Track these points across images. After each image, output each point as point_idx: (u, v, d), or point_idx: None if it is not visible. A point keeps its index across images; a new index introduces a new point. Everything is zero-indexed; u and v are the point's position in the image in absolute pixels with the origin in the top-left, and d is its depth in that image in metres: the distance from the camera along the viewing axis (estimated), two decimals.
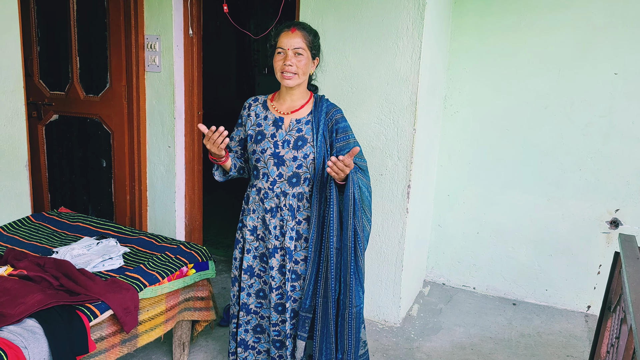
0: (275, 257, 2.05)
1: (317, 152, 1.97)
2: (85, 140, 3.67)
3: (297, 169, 1.98)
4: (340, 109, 2.06)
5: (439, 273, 3.65)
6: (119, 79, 3.41)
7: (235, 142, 2.14)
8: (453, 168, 3.49)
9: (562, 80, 3.14)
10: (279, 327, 2.12)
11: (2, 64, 2.80)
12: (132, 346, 2.14)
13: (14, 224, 2.75)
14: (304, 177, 1.99)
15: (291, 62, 1.91)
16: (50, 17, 3.58)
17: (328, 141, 1.99)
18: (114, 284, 2.06)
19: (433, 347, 2.81)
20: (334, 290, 1.97)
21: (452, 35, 3.33)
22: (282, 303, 2.08)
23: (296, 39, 1.92)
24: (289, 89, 2.00)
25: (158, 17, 3.29)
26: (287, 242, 2.02)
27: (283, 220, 2.02)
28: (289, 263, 2.04)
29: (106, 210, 3.70)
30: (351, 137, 2.04)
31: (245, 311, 2.18)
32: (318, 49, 2.02)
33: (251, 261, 2.13)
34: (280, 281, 2.07)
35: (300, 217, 2.02)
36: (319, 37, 2.03)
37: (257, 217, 2.08)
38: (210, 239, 4.21)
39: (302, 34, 1.93)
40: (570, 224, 3.25)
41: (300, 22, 2.00)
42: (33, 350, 1.69)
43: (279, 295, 2.08)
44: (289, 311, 2.06)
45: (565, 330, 3.06)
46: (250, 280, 2.15)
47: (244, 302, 2.17)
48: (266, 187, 2.02)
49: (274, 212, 2.03)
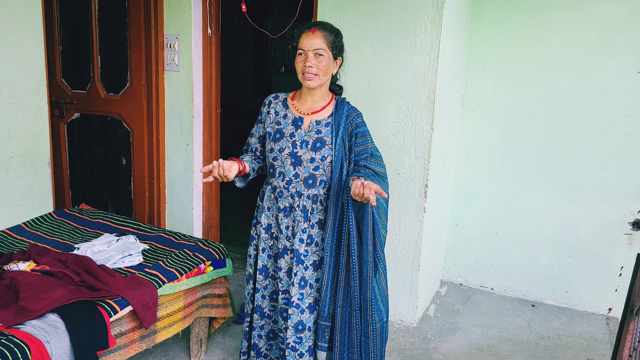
0: (284, 257, 2.02)
1: (335, 155, 1.95)
2: (106, 138, 3.72)
3: (314, 170, 1.95)
4: (360, 113, 2.03)
5: (457, 273, 3.62)
6: (139, 77, 3.45)
7: (255, 138, 2.12)
8: (471, 167, 3.46)
9: (584, 78, 3.09)
10: (283, 335, 2.05)
11: (27, 63, 2.86)
12: (151, 342, 2.17)
13: (36, 220, 2.81)
14: (320, 180, 1.97)
15: (311, 63, 1.89)
16: (72, 17, 3.64)
17: (347, 145, 1.97)
18: (133, 281, 2.09)
19: (450, 348, 2.79)
20: (357, 299, 1.92)
21: (470, 32, 3.30)
22: (286, 309, 2.02)
23: (316, 39, 1.89)
24: (310, 89, 1.97)
25: (177, 16, 3.32)
26: (296, 244, 1.98)
27: (295, 221, 1.99)
28: (295, 266, 1.98)
29: (125, 208, 3.75)
30: (369, 142, 2.01)
31: (260, 315, 2.13)
32: (340, 48, 1.99)
33: (266, 260, 2.10)
34: (287, 284, 2.02)
35: (313, 220, 1.99)
36: (341, 37, 1.99)
37: (271, 215, 2.06)
38: (227, 237, 4.24)
39: (322, 34, 1.90)
40: (591, 225, 3.20)
41: (322, 22, 1.96)
42: (55, 345, 1.72)
43: (285, 300, 2.03)
44: (291, 319, 1.98)
45: (585, 333, 3.02)
46: (265, 281, 2.11)
47: (258, 305, 2.12)
48: (281, 186, 2.00)
49: (287, 212, 2.00)
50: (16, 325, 1.74)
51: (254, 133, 2.13)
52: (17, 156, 2.87)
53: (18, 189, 2.89)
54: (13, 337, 1.67)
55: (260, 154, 2.14)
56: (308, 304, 2.00)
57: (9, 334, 1.69)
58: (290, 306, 1.98)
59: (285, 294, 2.02)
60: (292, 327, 1.99)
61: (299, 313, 1.99)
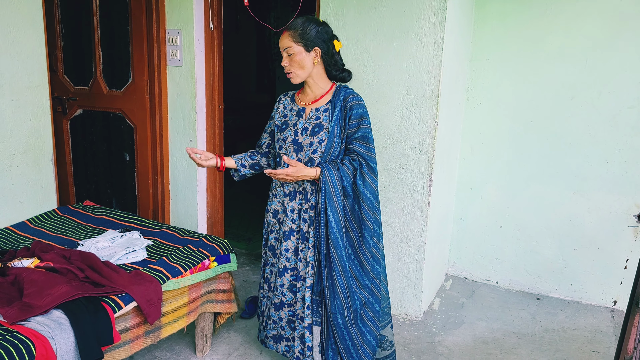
0: (291, 239, 2.16)
1: (329, 136, 2.05)
2: (109, 134, 3.72)
3: (313, 154, 2.07)
4: (359, 97, 2.09)
5: (461, 267, 3.61)
6: (141, 73, 3.44)
7: (267, 133, 2.33)
8: (476, 161, 3.44)
9: (589, 70, 3.06)
10: (293, 308, 2.19)
11: (28, 59, 2.85)
12: (156, 337, 2.17)
13: (40, 216, 2.81)
14: (318, 162, 2.07)
15: (285, 62, 2.06)
16: (73, 13, 3.63)
17: (343, 129, 2.06)
18: (137, 276, 2.09)
19: (455, 342, 2.79)
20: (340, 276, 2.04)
21: (475, 25, 3.28)
22: (295, 284, 2.17)
23: (284, 40, 2.04)
24: (305, 83, 2.14)
25: (179, 11, 3.30)
26: (302, 224, 2.12)
27: (301, 204, 2.12)
28: (301, 244, 2.13)
29: (129, 204, 3.75)
30: (365, 123, 2.06)
31: (268, 286, 2.31)
32: (314, 39, 2.02)
33: (273, 241, 2.27)
34: (295, 263, 2.16)
35: (312, 201, 2.09)
36: (316, 25, 2.02)
37: (278, 201, 2.21)
38: (231, 232, 4.24)
39: (288, 33, 2.03)
40: (597, 218, 3.18)
41: (294, 21, 2.06)
42: (60, 341, 1.72)
43: (294, 276, 2.17)
44: (300, 292, 2.14)
45: (590, 326, 3.00)
46: (273, 259, 2.27)
47: (267, 277, 2.30)
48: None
49: (292, 196, 2.14)
50: (21, 322, 1.74)
51: (266, 128, 2.34)
52: (20, 153, 2.87)
53: (21, 185, 2.89)
54: (18, 333, 1.67)
55: (266, 147, 2.31)
56: (310, 283, 2.12)
57: (13, 331, 1.69)
58: (298, 280, 2.15)
59: (294, 271, 2.17)
60: (300, 299, 2.15)
61: (304, 285, 2.14)
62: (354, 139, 2.05)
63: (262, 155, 2.33)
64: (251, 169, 2.30)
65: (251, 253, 3.91)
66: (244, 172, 2.30)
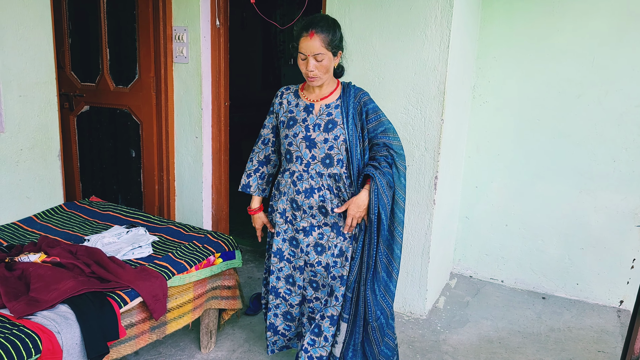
0: (312, 234, 2.11)
1: (348, 134, 2.03)
2: (115, 130, 3.73)
3: (329, 150, 2.04)
4: (367, 92, 2.12)
5: (466, 265, 3.60)
6: (148, 70, 3.45)
7: (268, 129, 2.24)
8: (481, 159, 3.43)
9: (596, 68, 3.04)
10: (313, 304, 2.17)
11: (35, 55, 2.87)
12: (161, 333, 2.18)
13: (47, 212, 2.83)
14: (337, 159, 2.05)
15: (313, 67, 1.96)
16: (81, 9, 3.65)
17: (359, 124, 2.05)
18: (143, 272, 2.10)
19: (460, 340, 2.78)
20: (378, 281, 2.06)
21: (481, 23, 3.26)
22: (316, 280, 2.14)
23: (315, 43, 1.92)
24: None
25: (185, 8, 3.31)
26: (332, 218, 2.08)
27: (325, 200, 2.07)
28: (336, 238, 2.08)
29: (135, 200, 3.76)
30: (382, 116, 2.09)
31: (275, 295, 2.24)
32: (339, 43, 2.02)
33: (280, 244, 2.19)
34: (314, 259, 2.12)
35: (342, 196, 2.07)
36: (339, 30, 2.01)
37: (286, 199, 2.14)
38: (236, 229, 4.24)
39: (320, 37, 1.93)
40: (603, 217, 3.16)
41: (318, 21, 1.95)
42: (66, 335, 1.73)
43: (312, 272, 2.14)
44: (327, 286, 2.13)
45: (596, 325, 2.99)
46: (280, 264, 2.21)
47: (273, 286, 2.23)
48: (300, 170, 2.09)
49: (309, 193, 2.08)
50: (27, 316, 1.76)
51: (266, 124, 2.24)
52: (27, 148, 2.89)
53: (28, 181, 2.91)
54: (24, 327, 1.68)
55: (272, 144, 2.25)
56: (341, 274, 2.10)
57: (20, 325, 1.70)
58: (328, 275, 2.11)
59: (312, 267, 2.13)
60: (327, 292, 2.13)
61: (330, 279, 2.12)
62: (380, 131, 2.05)
63: (264, 164, 2.26)
64: (269, 184, 2.31)
65: (256, 250, 3.92)
66: (267, 191, 2.31)
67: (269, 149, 2.25)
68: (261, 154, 2.26)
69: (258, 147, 2.26)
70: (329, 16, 2.04)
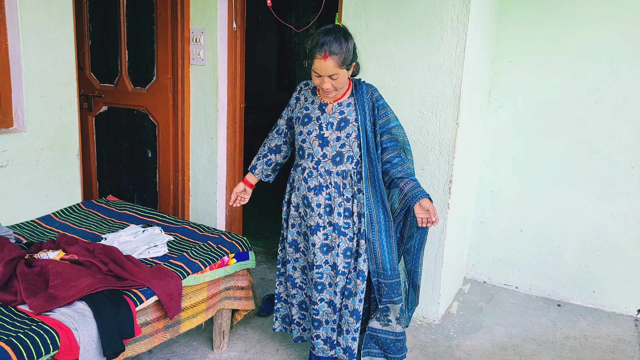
0: (317, 234, 2.15)
1: (364, 131, 2.08)
2: (132, 131, 3.78)
3: (341, 148, 2.09)
4: (376, 88, 2.18)
5: (480, 271, 3.58)
6: (165, 71, 3.49)
7: (283, 120, 2.32)
8: (497, 164, 3.41)
9: (615, 73, 3.01)
10: (318, 307, 2.19)
11: (57, 57, 2.92)
12: (175, 332, 2.20)
13: (65, 210, 2.87)
14: (348, 156, 2.10)
15: (327, 86, 2.00)
16: (101, 12, 3.70)
17: (371, 119, 2.11)
18: (159, 271, 2.12)
19: (473, 346, 2.77)
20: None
21: (498, 27, 3.25)
22: (322, 282, 2.17)
23: (329, 65, 1.95)
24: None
25: (203, 11, 3.34)
26: (335, 218, 2.12)
27: (330, 199, 2.12)
28: (337, 238, 2.13)
29: (151, 199, 3.81)
30: (390, 112, 2.16)
31: (292, 284, 2.30)
32: (353, 54, 2.03)
33: (295, 235, 2.27)
34: (321, 260, 2.15)
35: (347, 194, 2.13)
36: (352, 41, 2.01)
37: (300, 194, 2.20)
38: (249, 230, 4.27)
39: (334, 59, 1.94)
40: (621, 224, 3.12)
41: (330, 41, 1.93)
42: (83, 332, 1.76)
43: (319, 274, 2.16)
44: (338, 285, 2.16)
45: (613, 334, 2.95)
46: (296, 254, 2.28)
47: (289, 275, 2.30)
48: (310, 167, 2.14)
49: (318, 190, 2.14)
50: (46, 312, 1.79)
51: (283, 115, 2.32)
52: (47, 148, 2.94)
53: (48, 179, 2.96)
54: (43, 323, 1.71)
55: (284, 135, 2.32)
56: (359, 269, 2.15)
57: (39, 321, 1.73)
58: (337, 274, 2.16)
59: (320, 268, 2.17)
60: (339, 292, 2.17)
61: (344, 279, 2.17)
62: (390, 128, 2.12)
63: (274, 152, 2.34)
64: (274, 172, 2.39)
65: (268, 251, 3.93)
66: (271, 178, 2.39)
67: (281, 139, 2.33)
68: (273, 142, 2.35)
69: (272, 135, 2.36)
70: (339, 28, 2.00)
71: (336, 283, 2.16)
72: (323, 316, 2.21)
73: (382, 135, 2.12)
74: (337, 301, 2.19)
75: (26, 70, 2.78)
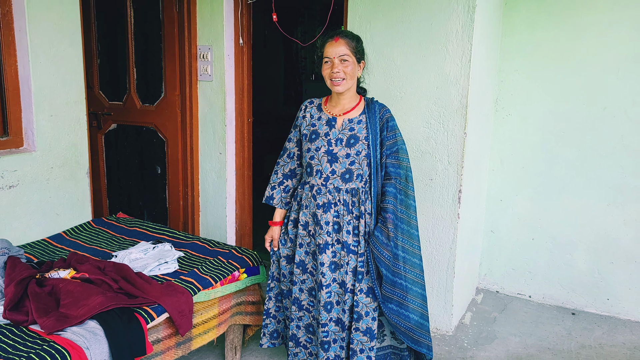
0: (326, 252, 2.11)
1: (372, 150, 2.07)
2: (141, 147, 3.81)
3: (350, 165, 2.08)
4: (389, 109, 2.17)
5: (492, 280, 3.54)
6: (173, 88, 3.53)
7: (292, 143, 2.27)
8: (506, 172, 3.39)
9: (622, 80, 2.99)
10: (328, 328, 2.14)
11: (66, 76, 2.95)
12: (187, 349, 2.19)
13: (75, 228, 2.89)
14: (357, 174, 2.09)
15: (338, 69, 2.03)
16: (109, 31, 3.76)
17: (379, 139, 2.10)
18: (169, 288, 2.12)
19: (488, 357, 2.73)
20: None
21: (502, 36, 3.25)
22: (330, 301, 2.13)
23: (340, 47, 2.03)
24: (340, 93, 2.10)
25: (210, 27, 3.38)
26: (344, 236, 2.10)
27: (339, 216, 2.10)
28: (347, 256, 2.10)
29: (160, 216, 3.82)
30: (398, 135, 2.14)
31: (298, 307, 2.24)
32: (362, 52, 2.12)
33: (303, 256, 2.21)
34: (330, 278, 2.11)
35: (356, 212, 2.10)
36: (362, 42, 2.12)
37: (308, 212, 2.17)
38: (259, 244, 4.25)
39: (345, 41, 2.04)
40: (633, 230, 3.08)
41: (343, 30, 2.08)
42: (94, 351, 1.76)
43: (329, 293, 2.12)
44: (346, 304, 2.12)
45: (629, 342, 2.90)
46: (303, 275, 2.22)
47: (296, 297, 2.24)
48: (319, 184, 2.12)
49: (327, 208, 2.11)
50: (57, 332, 1.79)
51: (291, 138, 2.28)
52: (57, 166, 2.97)
53: (58, 198, 2.98)
54: (54, 343, 1.72)
55: (297, 158, 2.27)
56: (368, 287, 2.10)
57: (50, 340, 1.74)
58: (345, 292, 2.12)
59: (328, 287, 2.12)
60: (348, 309, 2.13)
61: (352, 296, 2.12)
62: (393, 151, 2.10)
63: (289, 177, 2.28)
64: (292, 198, 2.30)
65: None
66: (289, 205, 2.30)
67: (294, 162, 2.27)
68: (286, 167, 2.29)
69: (283, 160, 2.30)
70: (348, 31, 2.15)
71: (345, 301, 2.13)
72: (331, 336, 2.16)
73: (388, 157, 2.10)
74: (346, 319, 2.14)
75: (36, 90, 2.82)
